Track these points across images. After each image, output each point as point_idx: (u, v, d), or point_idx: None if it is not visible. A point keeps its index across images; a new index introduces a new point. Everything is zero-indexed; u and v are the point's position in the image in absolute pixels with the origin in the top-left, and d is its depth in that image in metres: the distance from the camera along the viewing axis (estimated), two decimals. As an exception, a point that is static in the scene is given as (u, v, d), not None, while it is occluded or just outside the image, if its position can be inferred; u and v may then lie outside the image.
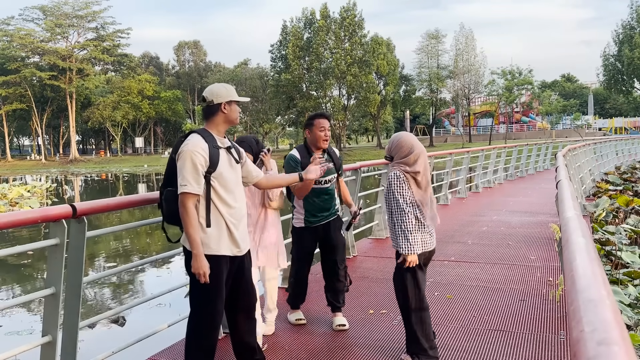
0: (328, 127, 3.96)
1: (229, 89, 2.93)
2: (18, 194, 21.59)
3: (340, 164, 4.13)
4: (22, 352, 2.70)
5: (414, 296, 3.21)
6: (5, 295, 9.07)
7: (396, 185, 3.14)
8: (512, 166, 16.00)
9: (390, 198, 3.17)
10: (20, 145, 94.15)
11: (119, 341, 3.31)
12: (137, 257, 11.68)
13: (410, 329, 3.24)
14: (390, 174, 3.23)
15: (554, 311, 4.21)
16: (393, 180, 3.16)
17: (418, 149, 3.21)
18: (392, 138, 3.36)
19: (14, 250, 2.84)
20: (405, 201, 3.12)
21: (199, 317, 2.86)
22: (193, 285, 2.84)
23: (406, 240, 3.12)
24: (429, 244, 3.25)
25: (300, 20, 56.32)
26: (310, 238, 4.05)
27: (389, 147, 3.31)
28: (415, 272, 3.21)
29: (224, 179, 2.80)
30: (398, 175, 3.16)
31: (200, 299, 2.84)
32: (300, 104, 54.57)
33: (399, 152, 3.23)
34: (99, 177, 45.61)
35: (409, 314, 3.22)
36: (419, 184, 3.18)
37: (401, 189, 3.14)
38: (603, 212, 8.78)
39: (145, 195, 3.33)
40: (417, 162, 3.19)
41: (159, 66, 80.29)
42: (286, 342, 3.77)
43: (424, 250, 3.21)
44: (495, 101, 56.21)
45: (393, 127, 79.17)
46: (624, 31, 55.77)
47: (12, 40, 62.83)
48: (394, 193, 3.14)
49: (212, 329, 2.89)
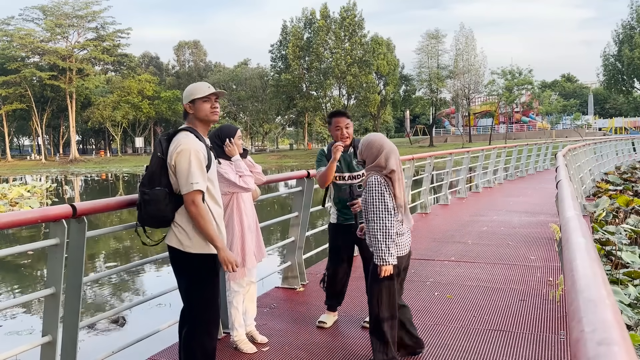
0: (345, 124, 3.92)
1: (194, 88, 2.85)
2: (18, 194, 21.60)
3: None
4: (22, 352, 2.70)
5: (388, 305, 3.11)
6: (5, 295, 9.07)
7: (377, 191, 3.02)
8: (512, 166, 15.99)
9: (370, 205, 3.04)
10: (20, 145, 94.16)
11: (119, 341, 3.32)
12: (137, 257, 11.67)
13: (378, 337, 3.13)
14: (369, 180, 3.08)
15: (554, 311, 4.21)
16: (373, 186, 3.04)
17: (387, 147, 3.11)
18: (361, 141, 3.24)
19: (14, 250, 2.84)
20: (386, 207, 3.01)
21: (202, 318, 2.83)
22: (192, 286, 2.81)
23: (386, 249, 3.02)
24: (406, 247, 3.18)
25: (300, 20, 56.38)
26: (340, 235, 4.06)
27: (360, 151, 3.20)
28: (392, 281, 3.10)
29: (213, 179, 2.82)
30: (379, 181, 3.04)
31: (202, 299, 2.81)
32: (300, 104, 54.61)
33: (369, 153, 3.13)
34: (99, 177, 45.60)
35: (381, 323, 3.11)
36: (394, 183, 3.07)
37: (382, 195, 3.01)
38: (603, 212, 8.78)
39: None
40: (389, 160, 3.08)
41: (159, 66, 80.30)
42: (286, 342, 3.77)
43: (400, 254, 3.13)
44: (495, 101, 56.21)
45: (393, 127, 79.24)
46: (624, 31, 55.78)
47: (12, 40, 62.84)
48: (375, 200, 3.02)
49: (216, 328, 2.89)
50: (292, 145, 75.49)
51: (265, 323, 4.12)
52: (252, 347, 3.62)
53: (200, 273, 2.79)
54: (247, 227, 3.59)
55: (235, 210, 3.56)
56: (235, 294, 3.64)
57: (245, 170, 3.50)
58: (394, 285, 3.13)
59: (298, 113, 59.12)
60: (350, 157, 3.98)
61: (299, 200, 5.08)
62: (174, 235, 2.76)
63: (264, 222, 4.46)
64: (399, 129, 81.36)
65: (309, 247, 6.10)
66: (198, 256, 2.75)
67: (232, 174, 3.45)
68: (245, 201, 3.62)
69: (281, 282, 5.28)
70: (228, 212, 3.55)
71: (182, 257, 2.77)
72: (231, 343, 3.67)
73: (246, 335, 3.72)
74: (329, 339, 3.82)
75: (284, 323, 4.17)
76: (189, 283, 2.81)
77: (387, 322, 3.12)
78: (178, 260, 2.80)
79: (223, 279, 3.81)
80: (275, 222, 5.23)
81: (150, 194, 2.69)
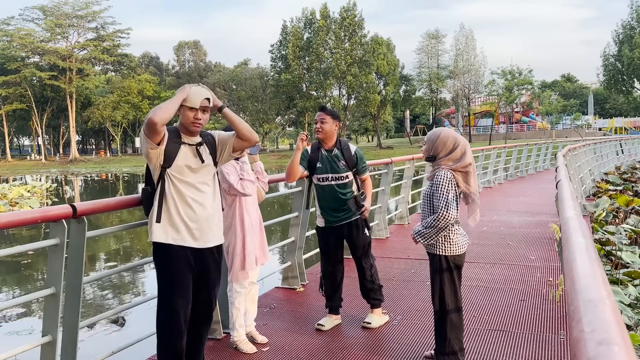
0: (321, 118, 3.89)
1: (190, 93, 2.78)
2: (18, 194, 21.60)
3: (355, 162, 3.96)
4: (22, 352, 2.70)
5: (452, 299, 3.13)
6: (5, 296, 9.07)
7: (445, 186, 3.03)
8: (512, 166, 15.99)
9: (437, 199, 3.06)
10: (20, 145, 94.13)
11: (119, 341, 3.32)
12: (137, 257, 11.67)
13: (442, 332, 3.15)
14: (439, 174, 3.08)
15: (554, 311, 4.21)
16: (442, 180, 3.04)
17: (462, 140, 3.13)
18: (429, 137, 3.20)
19: (14, 250, 2.84)
20: (450, 203, 3.02)
21: (158, 316, 2.88)
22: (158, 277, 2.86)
23: (429, 237, 3.09)
24: (465, 245, 3.21)
25: (300, 20, 56.34)
26: (328, 237, 4.04)
27: (430, 147, 3.16)
28: (453, 274, 3.14)
29: (187, 176, 2.78)
30: (448, 176, 3.05)
31: (159, 293, 2.87)
32: (300, 104, 54.57)
33: (444, 148, 3.10)
34: (99, 177, 45.60)
35: (445, 317, 3.13)
36: (469, 176, 3.10)
37: (448, 192, 3.03)
38: (603, 212, 8.78)
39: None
40: (466, 154, 3.10)
41: (159, 66, 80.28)
42: (286, 342, 3.77)
43: (461, 252, 3.17)
44: (495, 101, 56.19)
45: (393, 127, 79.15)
46: (624, 31, 55.78)
47: (12, 40, 62.81)
48: (443, 193, 3.03)
49: (168, 330, 2.85)
50: (292, 145, 75.46)
51: (265, 323, 4.12)
52: (252, 347, 3.62)
53: (158, 262, 2.84)
54: (250, 227, 3.59)
55: (237, 209, 3.57)
56: (237, 294, 3.64)
57: (248, 174, 3.48)
58: (456, 278, 3.15)
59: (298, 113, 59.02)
60: (335, 159, 3.92)
61: (299, 200, 5.08)
62: (150, 228, 2.84)
63: (264, 222, 4.46)
64: (399, 129, 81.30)
65: (309, 247, 6.10)
66: (156, 245, 2.81)
67: (233, 176, 3.43)
68: (248, 200, 3.62)
69: (281, 282, 5.28)
70: (231, 211, 3.56)
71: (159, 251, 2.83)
72: (231, 343, 3.67)
73: (246, 336, 3.72)
74: (328, 339, 3.82)
75: (284, 323, 4.17)
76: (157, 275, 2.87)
77: (452, 316, 3.13)
78: (156, 255, 2.86)
79: (224, 279, 3.82)
80: (275, 222, 5.23)
81: (143, 192, 2.86)
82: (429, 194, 3.16)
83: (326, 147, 3.96)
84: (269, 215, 3.99)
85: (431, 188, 3.13)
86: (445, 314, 3.13)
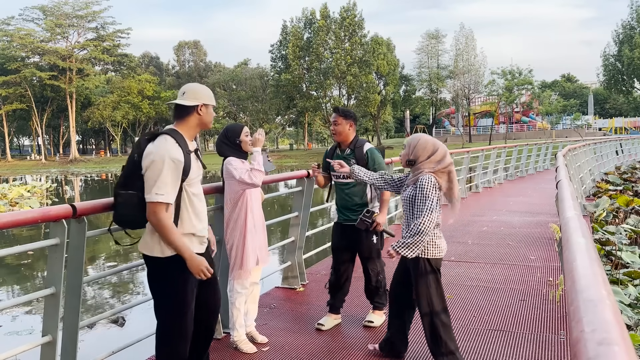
0: (334, 120, 3.97)
1: (206, 92, 2.78)
2: (18, 194, 21.60)
3: (365, 161, 3.93)
4: (22, 352, 2.70)
5: (439, 300, 3.15)
6: (5, 295, 9.07)
7: (430, 190, 3.05)
8: (512, 166, 15.99)
9: (420, 202, 3.07)
10: (20, 145, 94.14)
11: (119, 341, 3.31)
12: (137, 257, 11.67)
13: (436, 334, 3.15)
14: (423, 178, 3.09)
15: (554, 311, 4.21)
16: (427, 184, 3.06)
17: (442, 145, 3.17)
18: (409, 142, 3.23)
19: (14, 250, 2.84)
20: (433, 207, 3.03)
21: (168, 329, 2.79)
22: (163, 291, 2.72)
23: (413, 245, 3.05)
24: (444, 249, 3.23)
25: (300, 21, 56.32)
26: (337, 234, 4.10)
27: (410, 151, 3.18)
28: (437, 275, 3.17)
29: (195, 187, 2.70)
30: (432, 180, 3.07)
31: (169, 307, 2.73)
32: (300, 104, 54.57)
33: (424, 152, 3.13)
34: (99, 177, 45.59)
35: (435, 319, 3.14)
36: (452, 175, 3.13)
37: (432, 196, 3.05)
38: (603, 212, 8.78)
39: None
40: (446, 156, 3.14)
41: (159, 66, 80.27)
42: (286, 342, 3.77)
43: (440, 256, 3.18)
44: (495, 101, 56.20)
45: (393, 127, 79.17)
46: (624, 31, 55.78)
47: (12, 40, 62.79)
48: (428, 197, 3.04)
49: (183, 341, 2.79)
50: (292, 145, 75.48)
51: (266, 323, 4.12)
52: (252, 347, 3.62)
53: (168, 278, 2.67)
54: (252, 227, 3.60)
55: (242, 209, 3.58)
56: (238, 295, 3.64)
57: (259, 165, 3.49)
58: (439, 280, 3.18)
59: (298, 113, 59.07)
60: (346, 159, 3.94)
61: (299, 200, 5.08)
62: (143, 241, 2.67)
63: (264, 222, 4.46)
64: (399, 129, 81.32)
65: (309, 247, 6.10)
66: (167, 259, 2.62)
67: (238, 172, 3.45)
68: (254, 200, 3.63)
69: (281, 282, 5.29)
70: (237, 210, 3.57)
71: (154, 265, 2.67)
72: (231, 343, 3.67)
73: (246, 336, 3.72)
74: (329, 339, 3.82)
75: (284, 323, 4.17)
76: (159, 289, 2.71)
77: (440, 316, 3.14)
78: (151, 269, 2.70)
79: (224, 279, 3.82)
80: (275, 222, 5.23)
81: (124, 196, 2.62)
82: (411, 197, 3.16)
83: (342, 147, 4.03)
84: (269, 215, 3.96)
85: (414, 192, 3.14)
86: (435, 315, 3.15)
